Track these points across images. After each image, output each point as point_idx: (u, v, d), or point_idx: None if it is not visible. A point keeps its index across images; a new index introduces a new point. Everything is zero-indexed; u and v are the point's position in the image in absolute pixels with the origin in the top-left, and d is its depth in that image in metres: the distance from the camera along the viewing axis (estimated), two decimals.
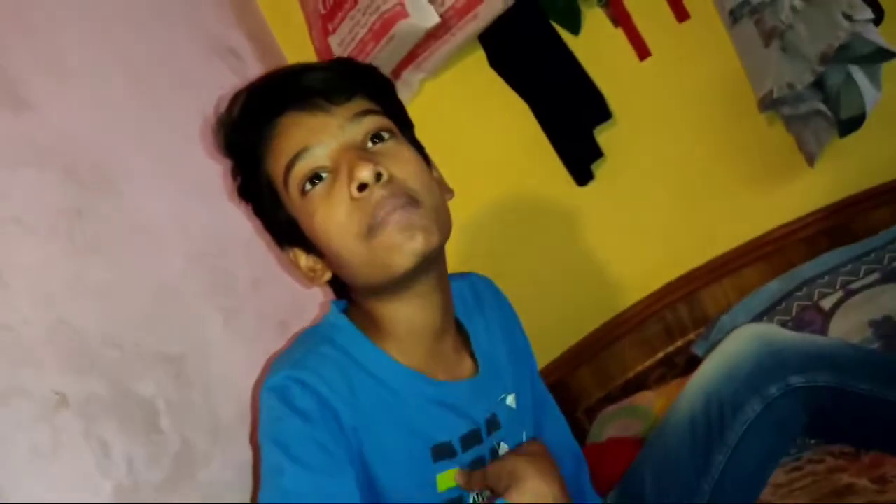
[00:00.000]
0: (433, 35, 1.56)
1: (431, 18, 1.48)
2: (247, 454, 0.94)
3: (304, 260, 0.80)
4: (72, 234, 0.86)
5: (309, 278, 0.81)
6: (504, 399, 0.86)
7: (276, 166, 0.74)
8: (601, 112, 1.64)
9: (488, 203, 1.70)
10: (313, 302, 1.16)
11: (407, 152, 0.75)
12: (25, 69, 0.88)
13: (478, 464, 0.80)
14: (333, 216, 0.71)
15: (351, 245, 0.71)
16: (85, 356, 0.80)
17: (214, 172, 1.08)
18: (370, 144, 0.73)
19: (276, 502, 0.69)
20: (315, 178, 0.72)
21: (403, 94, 1.69)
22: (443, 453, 0.77)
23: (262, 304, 1.08)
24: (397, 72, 1.67)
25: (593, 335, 1.68)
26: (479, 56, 1.67)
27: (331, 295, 1.06)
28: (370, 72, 0.80)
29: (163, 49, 1.13)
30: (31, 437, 0.70)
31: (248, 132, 0.76)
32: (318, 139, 0.72)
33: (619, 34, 1.63)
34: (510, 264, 1.72)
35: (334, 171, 0.72)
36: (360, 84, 0.76)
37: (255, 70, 1.31)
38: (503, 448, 0.84)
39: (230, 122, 0.79)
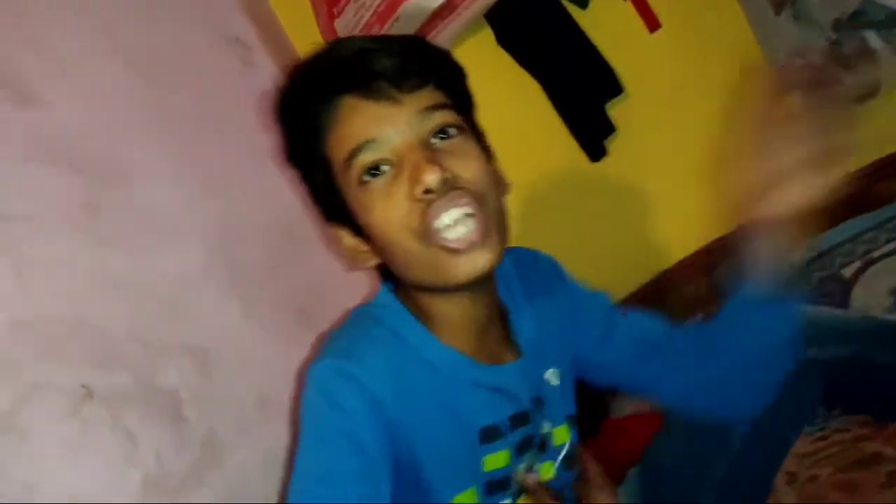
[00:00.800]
0: (439, 15, 1.55)
1: None
2: (271, 440, 0.94)
3: (349, 240, 0.77)
4: (89, 228, 0.86)
5: (351, 258, 0.78)
6: (545, 377, 0.85)
7: (337, 151, 0.71)
8: (612, 87, 1.62)
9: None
10: (332, 289, 1.15)
11: (473, 150, 0.73)
12: (31, 64, 0.88)
13: (525, 444, 0.79)
14: (394, 212, 0.69)
15: (409, 244, 0.69)
16: (108, 350, 0.80)
17: (227, 160, 1.08)
18: (435, 140, 0.71)
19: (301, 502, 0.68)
20: (375, 168, 0.70)
21: None
22: (490, 436, 0.76)
23: (281, 293, 1.08)
24: None
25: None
26: (487, 34, 1.65)
27: (351, 283, 1.06)
28: (443, 59, 0.77)
29: (169, 39, 1.13)
30: (59, 431, 0.71)
31: (309, 110, 0.72)
32: (384, 131, 0.69)
33: (628, 6, 1.60)
34: (523, 243, 1.71)
35: (397, 166, 0.69)
36: (432, 73, 0.72)
37: (261, 57, 1.30)
38: (546, 427, 0.83)
39: (288, 98, 0.75)
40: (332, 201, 0.75)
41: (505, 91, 1.68)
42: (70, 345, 0.76)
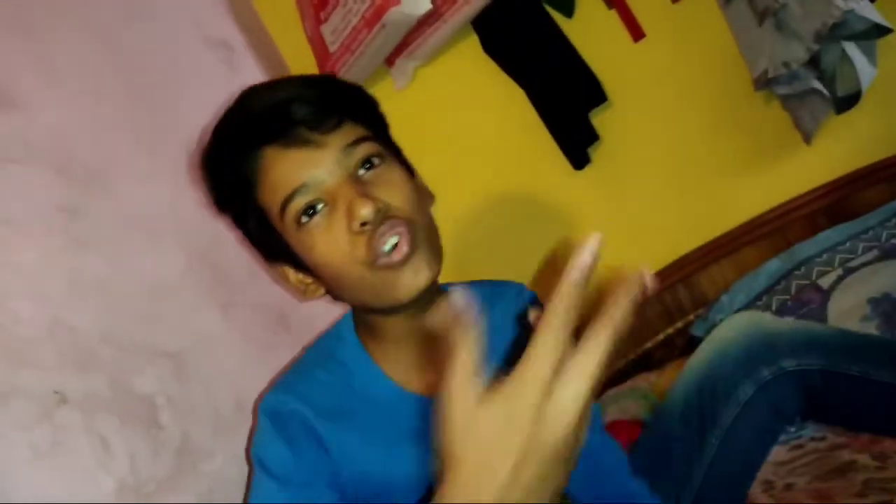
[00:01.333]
0: (425, 22, 1.55)
1: (423, 6, 1.47)
2: (245, 447, 0.94)
3: (294, 276, 0.82)
4: (66, 231, 0.85)
5: (300, 292, 0.83)
6: None
7: (270, 199, 0.74)
8: (596, 95, 1.63)
9: (484, 189, 1.70)
10: None
11: (397, 175, 0.77)
12: (12, 66, 0.88)
13: None
14: (335, 249, 0.73)
15: (356, 272, 0.73)
16: (83, 354, 0.80)
17: None
18: (362, 171, 0.75)
19: None
20: (310, 209, 0.73)
21: (398, 81, 1.68)
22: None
23: (260, 297, 1.08)
24: (391, 59, 1.66)
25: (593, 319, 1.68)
26: (473, 42, 1.66)
27: None
28: (355, 93, 0.80)
29: (153, 41, 1.13)
30: (31, 437, 0.70)
31: (235, 163, 0.75)
32: (312, 174, 0.72)
33: (613, 16, 1.62)
34: (507, 251, 1.72)
35: (331, 203, 0.73)
36: (347, 109, 0.76)
37: (247, 61, 1.30)
38: None
39: (213, 154, 0.79)
40: (270, 244, 0.79)
41: (490, 98, 1.69)
42: (44, 349, 0.76)
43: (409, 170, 0.82)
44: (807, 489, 1.11)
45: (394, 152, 0.81)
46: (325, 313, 1.12)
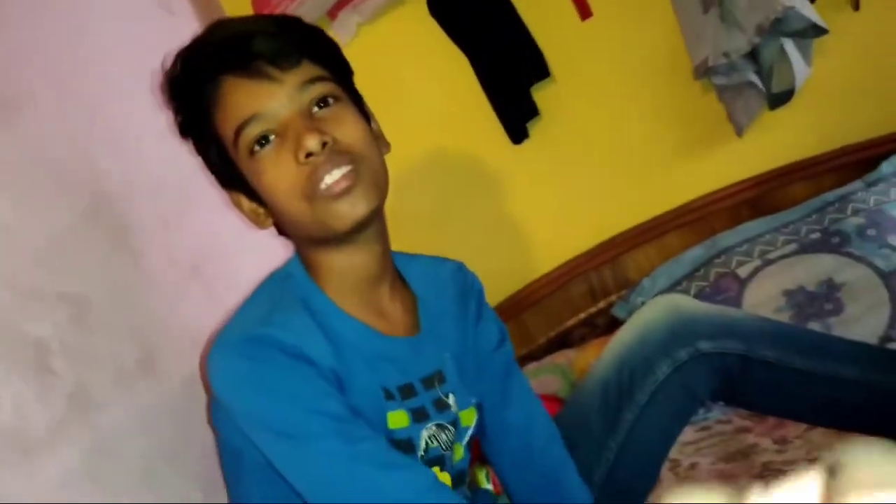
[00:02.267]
0: None
1: None
2: (150, 399, 0.89)
3: (247, 204, 0.85)
4: None
5: (252, 220, 0.86)
6: (444, 358, 0.89)
7: (224, 127, 0.78)
8: (539, 69, 1.62)
9: (420, 155, 1.67)
10: (226, 245, 1.11)
11: (350, 116, 0.80)
12: None
13: (420, 413, 0.84)
14: (281, 178, 0.77)
15: (296, 205, 0.77)
16: None
17: (130, 112, 1.01)
18: (316, 109, 0.78)
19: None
20: (263, 139, 0.77)
21: (340, 36, 1.63)
22: (388, 396, 0.82)
23: (173, 248, 1.02)
24: (333, 12, 1.60)
25: (519, 293, 1.69)
26: (420, 4, 1.62)
27: (245, 238, 1.03)
28: (317, 35, 0.83)
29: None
30: None
31: (194, 91, 0.79)
32: (267, 106, 0.76)
33: None
34: (440, 219, 1.70)
35: (282, 136, 0.76)
36: (307, 49, 0.79)
37: (188, 25, 1.22)
38: (451, 399, 0.87)
39: (175, 79, 0.81)
40: (226, 171, 0.83)
41: (433, 64, 1.66)
42: None
43: (367, 116, 0.86)
44: (711, 469, 1.15)
45: (353, 97, 0.84)
46: (240, 267, 1.08)
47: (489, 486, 1.11)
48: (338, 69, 0.83)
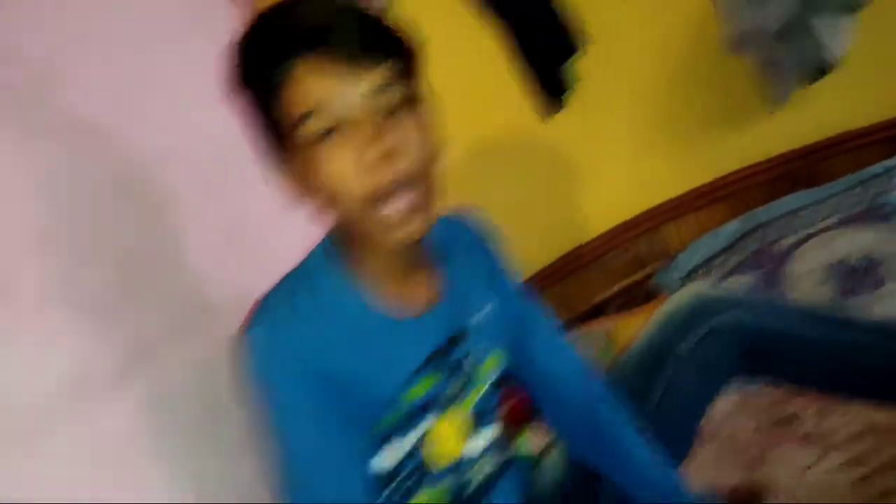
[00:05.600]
0: None
1: None
2: (207, 351, 0.91)
3: (290, 180, 0.81)
4: None
5: (292, 196, 0.83)
6: (470, 318, 0.90)
7: (289, 110, 0.75)
8: (574, 44, 1.61)
9: (456, 130, 1.65)
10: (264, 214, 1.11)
11: (419, 126, 0.77)
12: None
13: (451, 370, 0.86)
14: (341, 176, 0.74)
15: (351, 205, 0.75)
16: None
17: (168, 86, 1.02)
18: (386, 113, 0.75)
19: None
20: (326, 132, 0.74)
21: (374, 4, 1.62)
22: (408, 381, 0.83)
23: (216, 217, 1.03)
24: None
25: (558, 262, 1.69)
26: None
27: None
28: (402, 38, 0.79)
29: None
30: None
31: (268, 63, 0.75)
32: (338, 102, 0.73)
33: None
34: (479, 192, 1.69)
35: (347, 134, 0.74)
36: (390, 51, 0.76)
37: None
38: (469, 360, 0.88)
39: (252, 42, 0.77)
40: (278, 147, 0.79)
41: (467, 37, 1.65)
42: None
43: (432, 118, 0.83)
44: (751, 437, 1.15)
45: (421, 99, 0.81)
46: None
47: (528, 452, 1.12)
48: (413, 73, 0.80)
